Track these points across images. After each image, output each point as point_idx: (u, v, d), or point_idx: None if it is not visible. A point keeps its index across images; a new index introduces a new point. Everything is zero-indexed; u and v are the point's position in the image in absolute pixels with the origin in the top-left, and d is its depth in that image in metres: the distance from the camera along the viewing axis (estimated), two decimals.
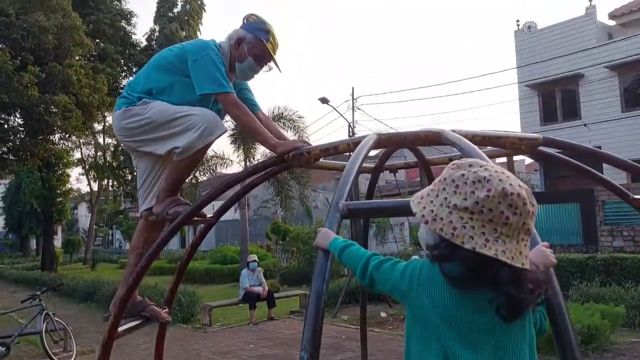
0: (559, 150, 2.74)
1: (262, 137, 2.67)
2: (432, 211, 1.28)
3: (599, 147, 16.30)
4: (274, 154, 2.62)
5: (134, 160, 2.96)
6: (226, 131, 2.75)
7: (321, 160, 2.91)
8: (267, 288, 10.13)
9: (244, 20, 2.86)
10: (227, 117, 3.00)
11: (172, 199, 2.74)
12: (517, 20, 20.46)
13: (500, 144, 2.36)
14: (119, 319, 2.38)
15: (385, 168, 3.24)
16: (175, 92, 2.70)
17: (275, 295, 10.37)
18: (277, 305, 10.05)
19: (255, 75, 2.93)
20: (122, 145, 3.03)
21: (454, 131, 2.04)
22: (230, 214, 29.53)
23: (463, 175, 1.26)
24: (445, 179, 1.30)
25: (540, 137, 2.37)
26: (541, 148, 2.52)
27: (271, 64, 2.88)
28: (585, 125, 17.88)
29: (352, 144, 2.18)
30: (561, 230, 14.09)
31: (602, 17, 19.31)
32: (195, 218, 2.75)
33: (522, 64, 19.78)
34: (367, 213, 1.61)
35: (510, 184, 1.23)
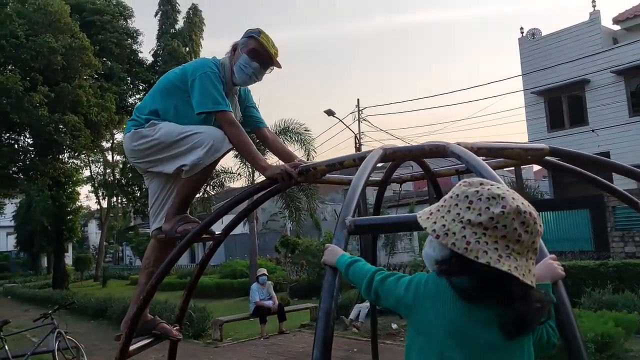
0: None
1: (252, 157, 2.75)
2: (444, 226, 1.29)
3: (608, 153, 16.22)
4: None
5: (146, 180, 3.01)
6: (232, 148, 2.77)
7: (327, 175, 2.93)
8: (277, 302, 10.11)
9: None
10: None
11: (180, 217, 2.77)
12: (521, 28, 20.52)
13: (505, 156, 2.37)
14: (130, 338, 2.40)
15: (392, 181, 3.25)
16: (181, 113, 2.75)
17: (286, 308, 10.34)
18: (288, 319, 10.02)
19: (255, 74, 2.85)
20: (133, 165, 3.06)
21: (458, 144, 2.05)
22: (239, 228, 29.54)
23: (477, 191, 1.28)
24: (457, 195, 1.31)
25: (546, 147, 2.37)
26: (548, 158, 2.53)
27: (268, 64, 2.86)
28: (592, 130, 17.81)
29: (357, 159, 2.20)
30: (572, 237, 13.97)
31: (607, 22, 19.30)
32: (204, 235, 2.77)
33: (527, 71, 19.78)
34: (374, 229, 1.63)
35: (522, 203, 1.26)
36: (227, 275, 18.43)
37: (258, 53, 2.78)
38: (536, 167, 29.88)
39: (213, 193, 18.40)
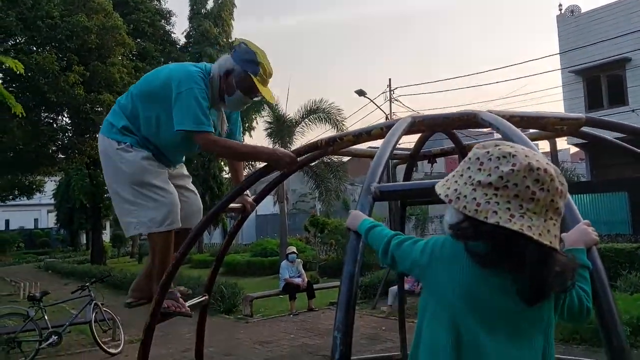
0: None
1: (252, 158, 2.81)
2: (456, 190, 1.25)
3: None
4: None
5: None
6: (179, 226, 2.71)
7: (355, 147, 2.90)
8: (306, 279, 10.20)
9: (233, 47, 2.77)
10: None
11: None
12: (560, 5, 19.76)
13: (540, 125, 2.29)
14: (161, 302, 2.45)
15: (421, 155, 3.19)
16: (162, 124, 2.67)
17: (315, 286, 10.42)
18: (317, 297, 10.10)
19: (246, 104, 2.88)
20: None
21: (490, 112, 1.99)
22: (270, 208, 29.88)
23: (488, 152, 1.24)
24: (469, 158, 1.28)
25: (583, 116, 2.28)
26: (585, 129, 2.43)
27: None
28: (633, 111, 17.12)
29: (385, 128, 2.16)
30: (609, 220, 13.58)
31: None
32: (231, 205, 2.80)
33: (566, 50, 19.10)
34: (400, 195, 1.59)
35: (537, 160, 1.20)
36: (258, 254, 18.66)
37: (253, 92, 2.73)
38: (573, 149, 29.01)
39: (245, 173, 18.57)
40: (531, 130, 2.67)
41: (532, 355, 1.24)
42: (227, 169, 23.91)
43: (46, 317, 7.33)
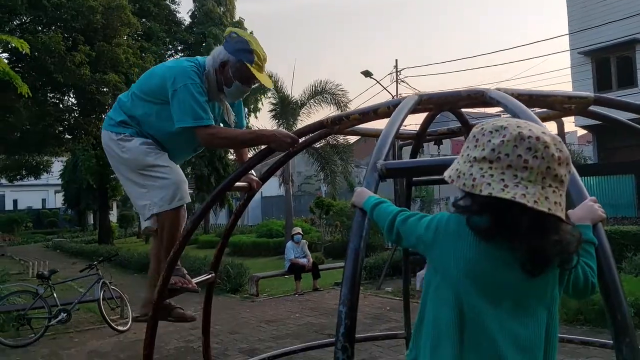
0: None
1: (254, 143, 2.87)
2: (457, 170, 1.28)
3: None
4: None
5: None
6: (189, 201, 2.77)
7: (361, 126, 2.90)
8: (311, 260, 10.27)
9: (226, 38, 2.78)
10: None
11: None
12: None
13: (548, 104, 2.27)
14: (167, 279, 2.47)
15: (428, 135, 3.18)
16: (163, 117, 2.69)
17: (320, 267, 10.50)
18: (322, 277, 10.18)
19: (246, 92, 2.88)
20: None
21: (498, 89, 1.97)
22: (275, 190, 29.97)
23: (482, 128, 1.27)
24: (468, 137, 1.31)
25: (591, 95, 2.26)
26: (594, 108, 2.41)
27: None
28: None
29: (392, 107, 2.15)
30: (615, 203, 13.54)
31: None
32: (237, 184, 2.81)
33: (575, 30, 18.83)
34: (406, 172, 1.58)
35: (530, 129, 1.20)
36: (264, 235, 18.77)
37: (251, 80, 2.74)
38: (581, 132, 28.77)
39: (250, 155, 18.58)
40: (539, 110, 2.66)
41: (535, 331, 1.25)
42: (232, 150, 23.92)
43: (55, 294, 7.44)
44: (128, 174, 2.75)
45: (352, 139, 19.65)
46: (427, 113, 2.77)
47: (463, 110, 3.01)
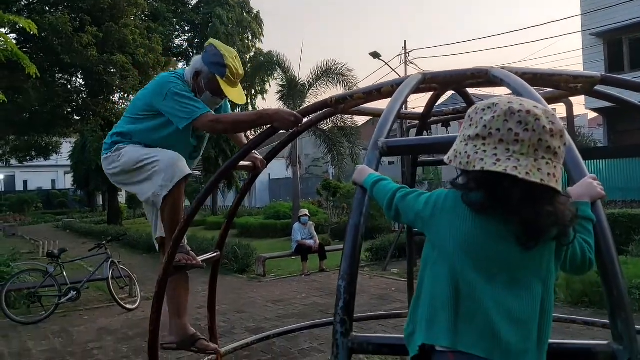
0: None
1: (255, 124, 2.84)
2: (455, 150, 1.31)
3: None
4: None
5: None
6: (190, 173, 2.79)
7: (366, 106, 2.89)
8: (318, 241, 10.33)
9: (205, 49, 2.85)
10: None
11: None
12: None
13: (553, 83, 2.25)
14: (173, 256, 2.51)
15: (433, 116, 3.17)
16: (158, 130, 2.77)
17: (326, 248, 10.55)
18: (328, 258, 10.24)
19: (218, 102, 2.93)
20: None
21: (502, 68, 1.96)
22: (283, 172, 30.03)
23: (475, 107, 1.30)
24: (465, 118, 1.34)
25: (597, 75, 2.24)
26: (600, 88, 2.39)
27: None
28: None
29: (396, 86, 2.14)
30: (624, 187, 13.44)
31: None
32: (241, 163, 2.83)
33: (587, 11, 18.51)
34: (407, 150, 1.58)
35: (521, 104, 1.22)
36: (271, 217, 18.86)
37: (222, 93, 2.79)
38: (591, 115, 28.43)
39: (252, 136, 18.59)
40: (546, 90, 2.64)
41: (530, 304, 1.26)
42: (233, 133, 23.87)
43: (65, 273, 7.55)
44: (130, 178, 2.83)
45: (360, 121, 19.61)
46: (432, 93, 2.76)
47: (471, 92, 3.01)
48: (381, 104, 2.68)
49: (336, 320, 1.33)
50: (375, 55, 20.12)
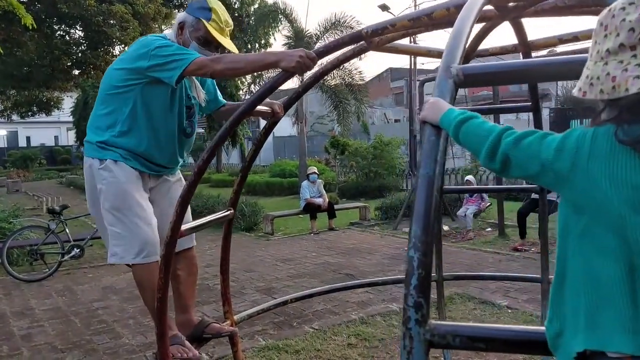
0: None
1: (258, 66, 2.48)
2: (587, 76, 0.93)
3: None
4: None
5: None
6: (157, 261, 2.40)
7: (400, 42, 2.50)
8: (327, 199, 10.04)
9: (188, 5, 2.64)
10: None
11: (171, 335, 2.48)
12: None
13: None
14: (181, 217, 2.17)
15: (478, 54, 2.75)
16: (147, 100, 2.45)
17: (336, 207, 10.28)
18: (337, 217, 9.99)
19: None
20: None
21: None
22: (288, 130, 29.52)
23: (609, 10, 0.92)
24: (594, 29, 0.96)
25: None
26: None
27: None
28: None
29: (452, 8, 1.74)
30: None
31: None
32: (259, 108, 2.45)
33: None
34: (489, 79, 1.20)
35: None
36: (277, 175, 18.55)
37: (208, 41, 2.46)
38: None
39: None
40: None
41: None
42: (244, 89, 23.32)
43: (67, 230, 7.30)
44: (101, 209, 2.51)
45: (367, 77, 18.93)
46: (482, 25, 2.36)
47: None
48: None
49: (408, 304, 0.98)
50: (384, 7, 19.28)
